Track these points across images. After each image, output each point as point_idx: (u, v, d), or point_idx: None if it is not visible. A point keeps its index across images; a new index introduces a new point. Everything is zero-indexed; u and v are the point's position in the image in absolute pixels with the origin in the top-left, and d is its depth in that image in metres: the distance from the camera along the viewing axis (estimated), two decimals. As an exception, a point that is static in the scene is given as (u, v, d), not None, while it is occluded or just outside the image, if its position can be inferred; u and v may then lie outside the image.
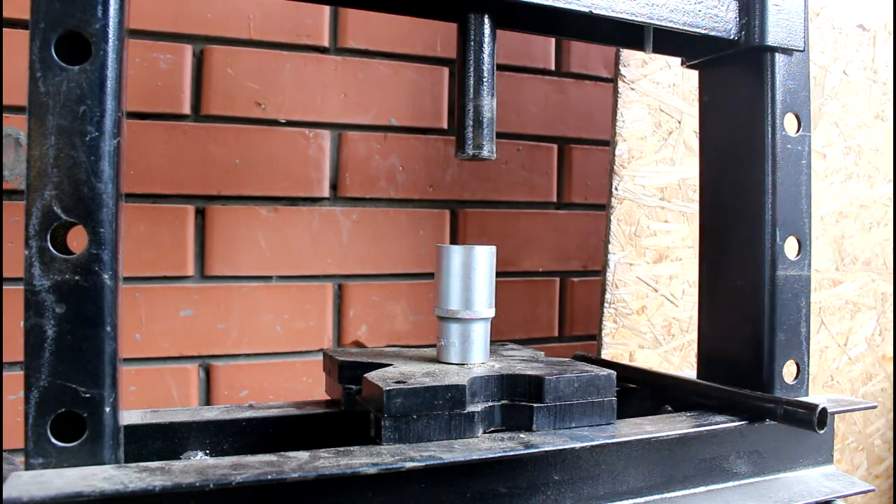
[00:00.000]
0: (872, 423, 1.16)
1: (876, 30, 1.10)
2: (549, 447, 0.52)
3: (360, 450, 0.49)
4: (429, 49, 0.97)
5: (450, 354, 0.62)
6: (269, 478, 0.44)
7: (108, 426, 0.45)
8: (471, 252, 0.61)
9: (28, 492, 0.39)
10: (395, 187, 0.96)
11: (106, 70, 0.45)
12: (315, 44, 0.92)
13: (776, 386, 0.65)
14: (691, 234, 1.02)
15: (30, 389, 0.43)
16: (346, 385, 0.61)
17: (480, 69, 0.61)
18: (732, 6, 0.66)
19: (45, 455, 0.44)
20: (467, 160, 0.62)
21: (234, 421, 0.59)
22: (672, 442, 0.57)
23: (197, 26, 0.86)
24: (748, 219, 0.67)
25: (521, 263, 1.03)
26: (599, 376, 0.58)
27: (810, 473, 0.64)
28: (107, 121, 0.45)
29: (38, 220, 0.44)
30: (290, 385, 0.91)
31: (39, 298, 0.43)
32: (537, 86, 1.04)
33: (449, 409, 0.52)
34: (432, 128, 0.98)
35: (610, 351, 0.95)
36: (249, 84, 0.88)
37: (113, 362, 0.45)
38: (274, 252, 0.90)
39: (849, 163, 1.09)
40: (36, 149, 0.44)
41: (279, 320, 0.90)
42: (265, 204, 0.90)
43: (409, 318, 0.97)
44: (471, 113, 0.61)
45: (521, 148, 1.03)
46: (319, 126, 0.92)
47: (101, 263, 0.45)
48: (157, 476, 0.43)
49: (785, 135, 0.67)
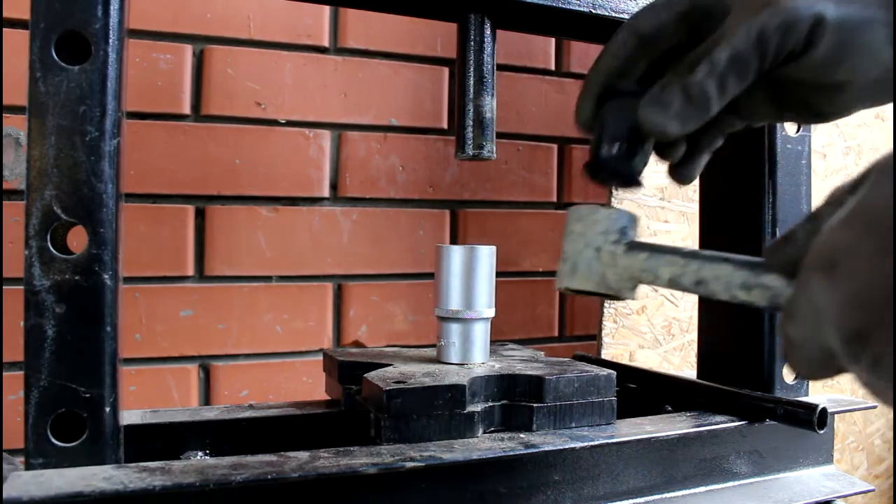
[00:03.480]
0: (872, 423, 1.16)
1: (876, 30, 1.10)
2: (549, 447, 0.52)
3: (360, 450, 0.49)
4: (429, 49, 0.97)
5: (450, 354, 0.62)
6: (269, 478, 0.44)
7: (108, 426, 0.45)
8: (471, 252, 0.61)
9: (28, 492, 0.39)
10: (395, 187, 0.96)
11: (106, 70, 0.45)
12: (315, 44, 0.92)
13: (776, 386, 0.65)
14: (691, 234, 1.02)
15: (30, 389, 0.43)
16: (346, 385, 0.61)
17: (480, 69, 0.61)
18: (732, 6, 0.66)
19: (45, 455, 0.44)
20: (467, 160, 0.62)
21: (234, 421, 0.59)
22: (672, 442, 0.57)
23: (197, 26, 0.86)
24: (748, 219, 0.67)
25: (521, 263, 1.03)
26: (599, 376, 0.58)
27: (810, 473, 0.64)
28: (107, 121, 0.45)
29: (38, 220, 0.44)
30: (290, 385, 0.91)
31: (39, 298, 0.43)
32: (537, 86, 1.04)
33: (449, 409, 0.52)
34: (432, 128, 0.98)
35: (610, 351, 0.95)
36: (249, 84, 0.88)
37: (113, 362, 0.45)
38: (274, 252, 0.90)
39: (849, 163, 1.09)
40: (36, 149, 0.44)
41: (279, 320, 0.90)
42: (265, 204, 0.90)
43: (409, 318, 0.97)
44: (471, 113, 0.61)
45: (521, 148, 1.03)
46: (319, 126, 0.92)
47: (101, 263, 0.45)
48: (157, 476, 0.43)
49: (785, 135, 0.67)
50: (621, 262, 0.40)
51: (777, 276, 0.32)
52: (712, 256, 0.36)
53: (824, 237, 0.26)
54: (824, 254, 0.26)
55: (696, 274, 0.36)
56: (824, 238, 0.26)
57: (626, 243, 0.41)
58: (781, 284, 0.32)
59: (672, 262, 0.37)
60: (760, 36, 0.38)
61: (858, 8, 0.39)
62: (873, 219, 0.25)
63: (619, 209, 0.42)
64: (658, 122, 0.40)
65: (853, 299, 0.25)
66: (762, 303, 0.33)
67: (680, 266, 0.37)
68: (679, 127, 0.40)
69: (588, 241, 0.42)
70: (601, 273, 0.41)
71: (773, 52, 0.39)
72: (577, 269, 0.42)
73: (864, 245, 0.24)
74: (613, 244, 0.41)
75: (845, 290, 0.25)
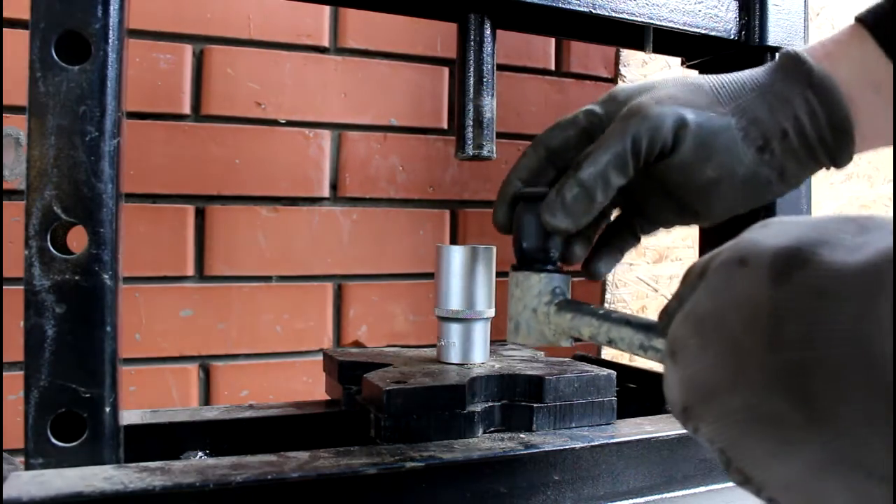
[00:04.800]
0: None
1: (876, 30, 1.10)
2: (549, 447, 0.52)
3: (360, 450, 0.49)
4: (429, 49, 0.97)
5: (450, 354, 0.62)
6: (269, 478, 0.44)
7: (108, 426, 0.45)
8: (471, 252, 0.61)
9: (28, 492, 0.39)
10: (395, 187, 0.96)
11: (106, 70, 0.45)
12: (315, 44, 0.92)
13: (776, 386, 0.65)
14: (691, 234, 1.02)
15: (30, 389, 0.43)
16: (346, 385, 0.61)
17: (480, 69, 0.61)
18: (732, 6, 0.66)
19: (45, 455, 0.44)
20: (467, 160, 0.62)
21: (234, 421, 0.59)
22: (672, 442, 0.57)
23: (197, 26, 0.86)
24: (747, 219, 0.67)
25: (521, 263, 1.03)
26: (599, 376, 0.58)
27: (810, 473, 0.64)
28: (107, 121, 0.45)
29: (38, 220, 0.44)
30: (290, 385, 0.91)
31: (39, 298, 0.43)
32: (537, 86, 1.04)
33: (449, 409, 0.52)
34: (432, 128, 0.98)
35: (610, 351, 0.95)
36: (249, 84, 0.88)
37: (113, 362, 0.45)
38: (274, 252, 0.90)
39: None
40: (36, 149, 0.44)
41: (279, 320, 0.90)
42: (265, 204, 0.90)
43: (409, 318, 0.97)
44: (471, 113, 0.61)
45: (521, 148, 1.03)
46: (319, 126, 0.92)
47: (101, 263, 0.45)
48: (157, 476, 0.43)
49: (785, 135, 0.67)
50: (554, 319, 0.47)
51: (663, 341, 0.37)
52: (618, 319, 0.43)
53: (672, 328, 0.33)
54: (669, 342, 0.33)
55: (607, 334, 0.43)
56: (672, 329, 0.33)
57: (556, 303, 0.47)
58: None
59: (590, 324, 0.45)
60: (634, 138, 0.45)
61: (715, 116, 0.47)
62: (698, 320, 0.31)
63: (549, 273, 0.48)
64: (553, 221, 0.47)
65: (683, 382, 0.31)
66: (656, 360, 0.40)
67: (595, 327, 0.44)
68: (571, 222, 0.46)
69: (526, 304, 0.49)
70: (540, 330, 0.48)
71: (645, 151, 0.46)
72: (519, 328, 0.49)
73: (692, 341, 0.31)
74: (546, 305, 0.48)
75: (679, 373, 0.32)
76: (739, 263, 0.30)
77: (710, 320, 0.30)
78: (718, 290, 0.30)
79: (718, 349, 0.29)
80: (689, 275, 0.35)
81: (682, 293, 0.35)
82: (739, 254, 0.30)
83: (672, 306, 0.36)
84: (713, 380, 0.30)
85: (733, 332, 0.29)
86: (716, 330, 0.30)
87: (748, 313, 0.28)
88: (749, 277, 0.29)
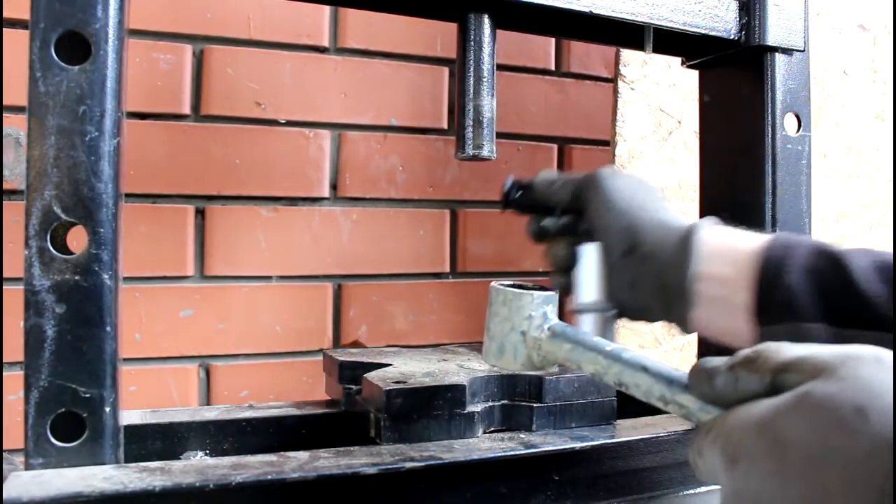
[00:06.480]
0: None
1: (876, 30, 1.10)
2: (549, 447, 0.52)
3: (360, 450, 0.49)
4: (429, 49, 0.97)
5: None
6: (269, 478, 0.44)
7: (108, 426, 0.45)
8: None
9: (28, 492, 0.39)
10: (395, 187, 0.96)
11: (106, 70, 0.45)
12: (315, 44, 0.92)
13: (776, 386, 0.65)
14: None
15: (30, 389, 0.43)
16: (346, 385, 0.61)
17: (480, 69, 0.60)
18: (732, 6, 0.66)
19: (45, 455, 0.44)
20: (467, 160, 0.62)
21: (234, 421, 0.59)
22: (672, 442, 0.57)
23: (197, 26, 0.86)
24: (748, 219, 0.67)
25: (521, 263, 1.03)
26: (599, 376, 0.58)
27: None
28: (107, 121, 0.45)
29: (38, 220, 0.44)
30: (290, 385, 0.91)
31: (39, 298, 0.43)
32: (537, 86, 1.04)
33: (449, 409, 0.52)
34: (432, 128, 0.98)
35: (610, 351, 0.95)
36: (249, 84, 0.88)
37: (113, 362, 0.45)
38: (274, 252, 0.90)
39: (849, 163, 1.09)
40: (36, 149, 0.44)
41: (279, 320, 0.90)
42: (265, 204, 0.90)
43: (409, 318, 0.97)
44: (471, 113, 0.61)
45: (520, 148, 1.03)
46: (319, 126, 0.92)
47: (101, 263, 0.45)
48: (157, 476, 0.43)
49: (785, 135, 0.67)
50: (545, 346, 0.45)
51: (691, 399, 0.35)
52: (633, 362, 0.39)
53: (737, 432, 0.30)
54: (731, 445, 0.30)
55: (617, 377, 0.40)
56: (737, 431, 0.30)
57: (549, 328, 0.45)
58: (695, 407, 0.35)
59: (595, 361, 0.41)
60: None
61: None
62: (781, 442, 0.28)
63: (541, 293, 0.46)
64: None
65: (738, 495, 0.30)
66: (676, 414, 0.37)
67: (602, 366, 0.41)
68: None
69: (514, 326, 0.46)
70: (527, 355, 0.46)
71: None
72: (504, 351, 0.47)
73: (768, 463, 0.28)
74: (538, 329, 0.45)
75: (737, 484, 0.30)
76: (856, 412, 0.26)
77: (800, 451, 0.27)
78: (821, 427, 0.27)
79: (805, 492, 0.27)
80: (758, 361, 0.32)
81: (743, 380, 0.32)
82: (856, 400, 0.27)
83: (723, 385, 0.33)
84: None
85: (830, 486, 0.26)
86: (810, 469, 0.27)
87: (863, 480, 0.25)
88: (870, 436, 0.25)
